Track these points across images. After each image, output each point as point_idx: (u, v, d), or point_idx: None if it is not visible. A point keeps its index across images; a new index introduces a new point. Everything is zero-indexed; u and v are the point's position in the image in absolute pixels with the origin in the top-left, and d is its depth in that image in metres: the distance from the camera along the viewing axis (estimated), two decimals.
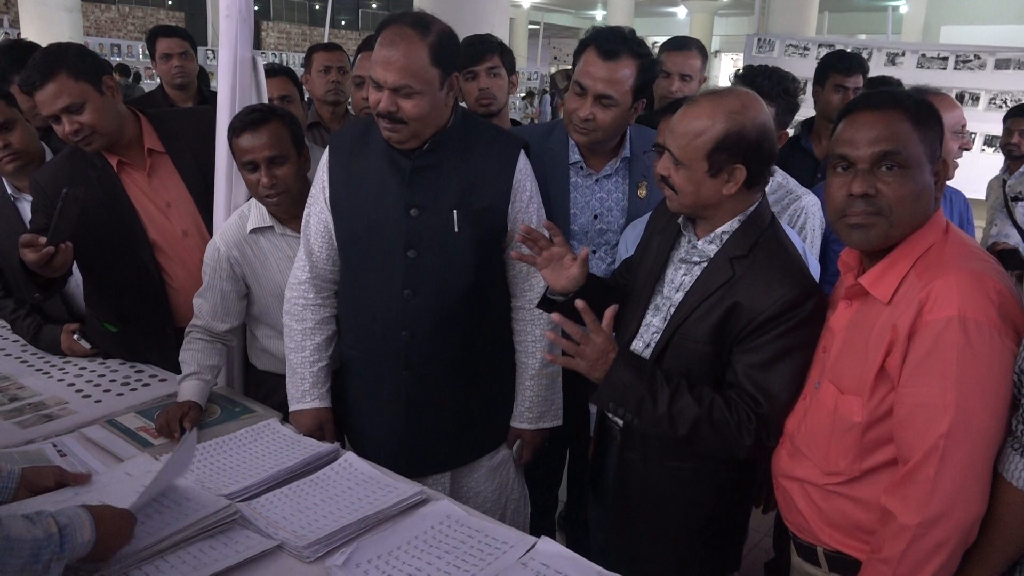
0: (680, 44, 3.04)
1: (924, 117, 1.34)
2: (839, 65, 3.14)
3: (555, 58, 23.13)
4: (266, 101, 2.18)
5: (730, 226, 1.56)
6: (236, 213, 2.08)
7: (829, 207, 1.41)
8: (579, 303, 1.51)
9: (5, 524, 1.16)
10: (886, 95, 1.38)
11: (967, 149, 2.56)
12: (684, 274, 1.62)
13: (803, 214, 2.16)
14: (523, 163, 1.87)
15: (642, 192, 2.14)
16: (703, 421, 1.49)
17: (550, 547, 1.44)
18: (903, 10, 14.28)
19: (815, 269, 1.95)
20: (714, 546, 1.70)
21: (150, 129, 2.18)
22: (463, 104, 2.63)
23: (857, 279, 1.40)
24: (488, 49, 2.58)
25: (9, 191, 2.31)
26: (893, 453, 1.33)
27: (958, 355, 1.23)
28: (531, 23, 22.12)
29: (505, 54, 2.64)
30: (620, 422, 1.67)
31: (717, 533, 1.69)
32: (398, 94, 1.67)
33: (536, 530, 1.94)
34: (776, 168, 2.22)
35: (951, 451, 1.22)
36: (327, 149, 1.90)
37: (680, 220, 1.65)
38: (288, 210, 1.99)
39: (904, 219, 1.33)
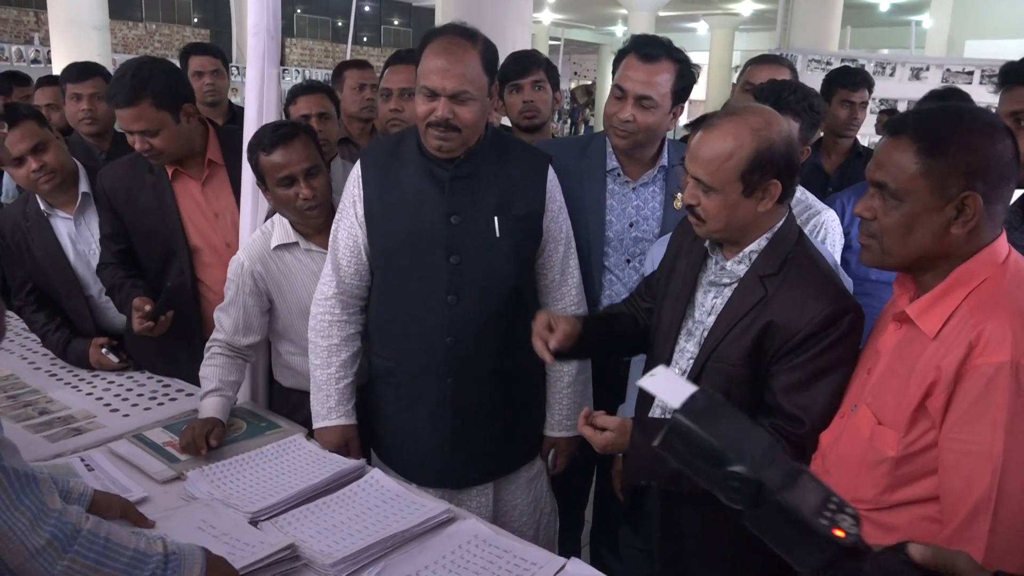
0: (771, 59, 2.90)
1: (940, 148, 1.22)
2: (845, 80, 3.24)
3: (575, 73, 23.19)
4: (284, 118, 2.21)
5: (758, 244, 1.53)
6: (259, 230, 2.09)
7: None
8: None
9: (107, 527, 1.16)
10: (906, 119, 1.30)
11: None
12: (715, 297, 1.59)
13: (823, 229, 2.13)
14: (552, 174, 1.92)
15: (677, 204, 2.13)
16: None
17: (580, 569, 1.42)
18: (927, 24, 14.16)
19: (848, 283, 1.91)
20: (770, 559, 1.65)
21: (215, 141, 2.25)
22: (506, 117, 2.74)
23: (906, 307, 1.34)
24: (534, 63, 2.66)
25: (42, 207, 2.34)
26: (926, 490, 1.28)
27: (1010, 403, 1.16)
28: (552, 39, 22.20)
29: (550, 70, 2.70)
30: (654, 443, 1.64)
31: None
32: (455, 101, 1.71)
33: (562, 550, 1.91)
34: None
35: (1003, 506, 1.16)
36: (358, 163, 1.91)
37: (707, 242, 1.62)
38: (326, 222, 2.00)
39: (895, 248, 1.29)
